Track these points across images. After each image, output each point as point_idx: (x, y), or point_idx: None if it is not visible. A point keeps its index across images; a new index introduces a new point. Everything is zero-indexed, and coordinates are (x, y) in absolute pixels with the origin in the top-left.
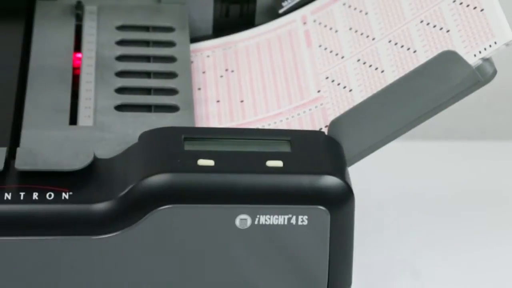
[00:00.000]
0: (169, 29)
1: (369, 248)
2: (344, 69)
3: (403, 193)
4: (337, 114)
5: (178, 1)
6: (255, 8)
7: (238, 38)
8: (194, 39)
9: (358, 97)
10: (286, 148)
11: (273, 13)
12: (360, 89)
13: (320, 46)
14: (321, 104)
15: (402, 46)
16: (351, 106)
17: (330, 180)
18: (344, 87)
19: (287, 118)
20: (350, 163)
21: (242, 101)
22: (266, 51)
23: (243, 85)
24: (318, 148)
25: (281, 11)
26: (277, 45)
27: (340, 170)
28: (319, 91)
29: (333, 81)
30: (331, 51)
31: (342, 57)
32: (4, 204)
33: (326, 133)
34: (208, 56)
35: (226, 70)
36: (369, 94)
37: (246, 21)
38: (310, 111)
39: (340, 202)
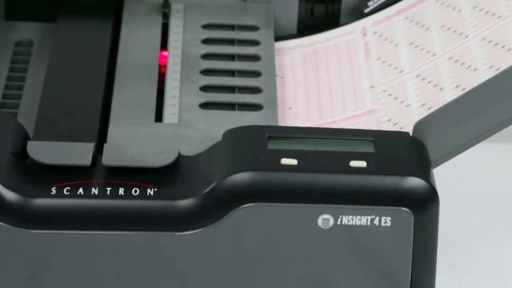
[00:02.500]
0: (254, 28)
1: (452, 252)
2: (403, 83)
3: (490, 196)
4: (391, 128)
5: (263, 0)
6: (340, 7)
7: (322, 37)
8: (279, 38)
9: (415, 113)
10: (370, 149)
11: (358, 13)
12: (417, 105)
13: (378, 58)
14: (376, 117)
15: (462, 64)
16: (407, 120)
17: (414, 182)
18: (401, 102)
19: (365, 121)
20: (435, 165)
21: (324, 101)
22: (323, 59)
23: (324, 86)
24: (402, 149)
25: (366, 10)
26: (335, 54)
27: (424, 172)
28: (374, 104)
29: (390, 95)
30: (389, 65)
31: (401, 72)
32: (91, 199)
33: (410, 134)
34: (291, 55)
35: (309, 70)
36: (426, 110)
37: (330, 21)
38: (364, 123)
39: (425, 204)
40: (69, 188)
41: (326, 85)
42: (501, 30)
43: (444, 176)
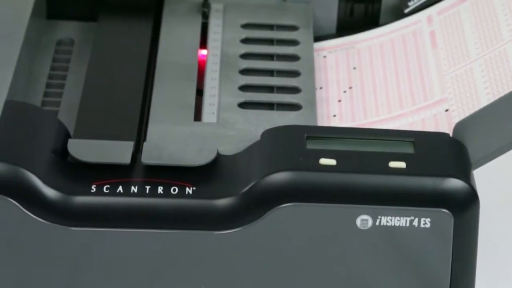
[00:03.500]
0: (293, 28)
1: (492, 254)
2: (471, 71)
3: None
4: (462, 117)
5: (303, 0)
6: (380, 7)
7: (362, 37)
8: (318, 38)
9: (484, 100)
10: (409, 149)
11: (398, 13)
12: (487, 91)
13: (445, 47)
14: (445, 106)
15: None
16: (476, 108)
17: (454, 183)
18: (470, 89)
19: (410, 119)
20: (475, 166)
21: (363, 102)
22: (389, 51)
23: (365, 85)
24: (442, 150)
25: (406, 10)
26: (401, 45)
27: (465, 173)
28: (443, 93)
29: (458, 83)
30: (457, 53)
31: (469, 59)
32: (130, 197)
33: (450, 135)
34: (331, 55)
35: (349, 69)
36: (496, 96)
37: (370, 21)
38: (434, 113)
39: (465, 205)
40: (108, 186)
41: (393, 77)
42: None
43: (485, 177)
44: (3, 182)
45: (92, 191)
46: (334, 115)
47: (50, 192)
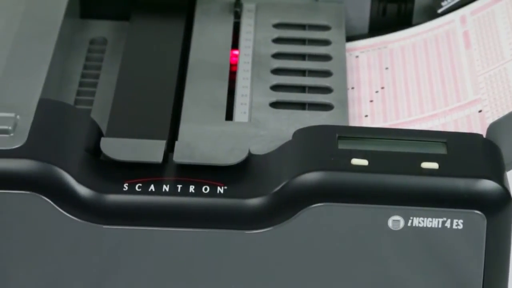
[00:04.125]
0: (325, 28)
1: None
2: (504, 71)
3: None
4: (495, 118)
5: (335, 0)
6: (413, 7)
7: (394, 37)
8: (350, 38)
9: None
10: (442, 150)
11: (431, 13)
12: None
13: (479, 47)
14: (479, 107)
15: None
16: (510, 109)
17: (487, 185)
18: (504, 90)
19: (442, 120)
20: (508, 168)
21: (395, 102)
22: (422, 51)
23: (397, 86)
24: (475, 151)
25: (440, 10)
26: (434, 46)
27: (498, 175)
28: (476, 94)
29: (492, 83)
30: (491, 53)
31: (503, 59)
32: (162, 196)
33: (484, 136)
34: (363, 55)
35: (381, 69)
36: None
37: (403, 21)
38: (467, 114)
39: (498, 207)
40: (140, 184)
41: (426, 78)
42: None
43: None
44: (37, 180)
45: (124, 189)
46: (366, 115)
47: (83, 190)
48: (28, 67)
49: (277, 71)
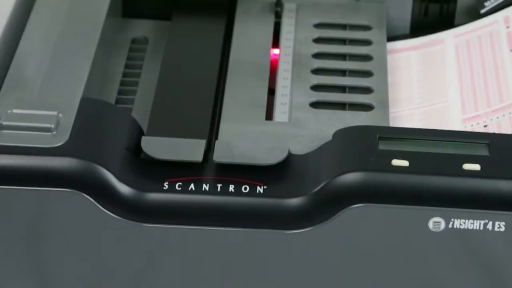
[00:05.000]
0: (366, 28)
1: None
2: None
3: None
4: None
5: (376, 0)
6: (455, 8)
7: (436, 38)
8: (391, 38)
9: None
10: (484, 152)
11: (474, 14)
12: None
13: None
14: None
15: None
16: None
17: None
18: None
19: (485, 121)
20: None
21: (437, 103)
22: (464, 52)
23: (439, 87)
24: None
25: (483, 11)
26: (477, 46)
27: None
28: None
29: None
30: None
31: None
32: (202, 195)
33: None
34: (404, 56)
35: (422, 70)
36: None
37: (445, 21)
38: (510, 115)
39: None
40: (180, 183)
41: (468, 79)
42: None
43: None
44: (78, 177)
45: (164, 188)
46: (407, 116)
47: (123, 189)
48: (71, 66)
49: (317, 71)
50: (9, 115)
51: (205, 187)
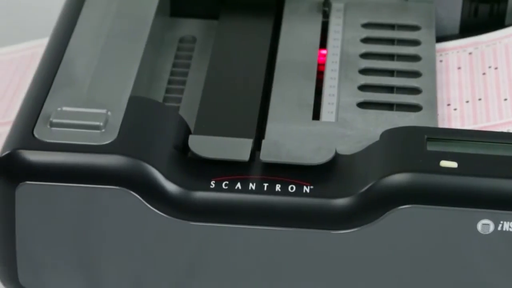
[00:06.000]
0: (415, 28)
1: None
2: None
3: None
4: None
5: (425, 0)
6: (506, 8)
7: (486, 38)
8: (440, 38)
9: None
10: None
11: None
12: None
13: None
14: None
15: None
16: None
17: None
18: None
19: None
20: None
21: (486, 104)
22: (491, 58)
23: (488, 88)
24: None
25: None
26: (504, 53)
27: None
28: None
29: None
30: None
31: None
32: (249, 194)
33: None
34: (453, 56)
35: (471, 71)
36: None
37: (495, 21)
38: None
39: None
40: (227, 182)
41: (494, 86)
42: None
43: None
44: (126, 175)
45: (211, 187)
46: (455, 117)
47: (171, 187)
48: (120, 64)
49: (365, 71)
50: (59, 113)
51: (252, 186)
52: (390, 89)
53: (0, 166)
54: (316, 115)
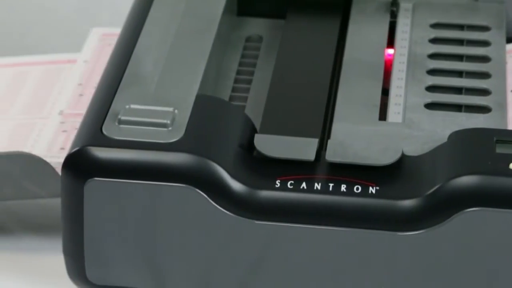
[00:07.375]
0: (485, 28)
1: None
2: None
3: None
4: None
5: (495, 0)
6: None
7: None
8: (511, 39)
9: None
10: None
11: None
12: None
13: None
14: None
15: None
16: None
17: None
18: None
19: None
20: None
21: None
22: None
23: None
24: None
25: None
26: None
27: None
28: None
29: None
30: None
31: None
32: (314, 194)
33: None
34: None
35: None
36: None
37: None
38: None
39: None
40: (292, 181)
41: None
42: None
43: None
44: (193, 173)
45: (276, 186)
46: None
47: (236, 186)
48: (187, 63)
49: (433, 72)
50: (127, 110)
51: (317, 186)
52: (458, 90)
53: (70, 162)
54: (383, 116)
